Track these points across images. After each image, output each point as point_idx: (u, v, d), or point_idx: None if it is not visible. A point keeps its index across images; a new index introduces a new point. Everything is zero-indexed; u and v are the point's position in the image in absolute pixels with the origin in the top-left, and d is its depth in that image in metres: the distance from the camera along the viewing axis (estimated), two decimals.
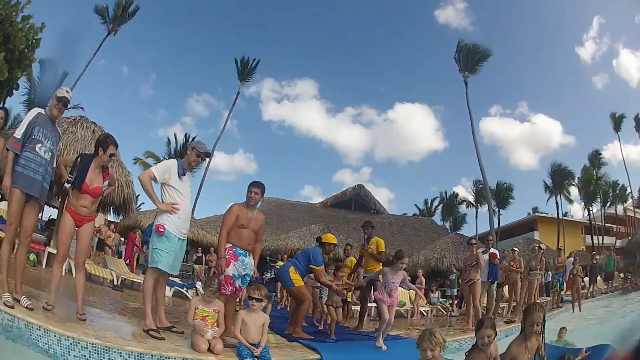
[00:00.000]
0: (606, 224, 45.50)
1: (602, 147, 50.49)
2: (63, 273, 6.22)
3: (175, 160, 5.31)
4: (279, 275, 7.13)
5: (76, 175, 4.69)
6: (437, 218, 45.48)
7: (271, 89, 70.14)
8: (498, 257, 10.35)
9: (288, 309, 11.09)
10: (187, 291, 11.06)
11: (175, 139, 34.96)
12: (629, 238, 33.83)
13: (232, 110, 40.83)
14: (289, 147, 71.67)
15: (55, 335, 3.78)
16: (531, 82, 73.94)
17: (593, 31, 72.34)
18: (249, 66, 39.56)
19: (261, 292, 4.76)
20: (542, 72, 73.08)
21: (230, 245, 5.22)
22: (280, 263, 12.91)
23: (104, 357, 3.80)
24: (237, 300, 6.32)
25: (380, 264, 8.09)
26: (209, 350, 4.28)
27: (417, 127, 68.85)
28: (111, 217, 16.43)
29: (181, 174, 5.14)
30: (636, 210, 48.53)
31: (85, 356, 3.77)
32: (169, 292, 10.47)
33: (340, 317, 6.67)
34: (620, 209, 48.01)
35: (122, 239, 18.77)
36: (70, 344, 3.78)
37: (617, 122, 46.75)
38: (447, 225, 46.62)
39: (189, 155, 5.30)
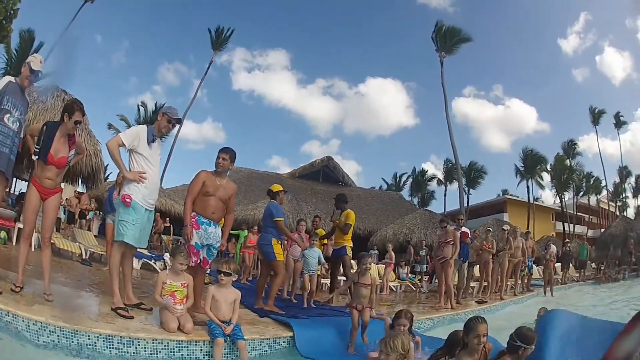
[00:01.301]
0: (578, 213, 46.77)
1: (577, 138, 51.75)
2: (33, 249, 6.05)
3: (145, 126, 5.05)
4: (260, 247, 7.00)
5: (41, 145, 4.47)
6: (405, 193, 46.06)
7: (242, 59, 69.66)
8: (469, 236, 10.50)
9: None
10: (155, 263, 10.81)
11: (145, 107, 34.51)
12: (603, 230, 34.60)
13: (203, 79, 40.44)
14: (258, 117, 71.95)
15: (23, 321, 3.64)
16: (508, 66, 75.01)
17: (578, 26, 74.16)
18: (223, 35, 39.19)
19: (230, 265, 4.63)
20: (521, 58, 74.30)
21: (194, 213, 5.08)
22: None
23: (72, 341, 3.69)
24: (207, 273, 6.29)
25: (347, 236, 8.10)
26: (179, 329, 4.20)
27: (388, 102, 69.31)
28: (80, 188, 16.21)
29: (150, 140, 4.90)
30: (610, 203, 50.37)
31: (54, 341, 3.66)
32: (137, 264, 10.24)
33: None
34: (593, 199, 49.58)
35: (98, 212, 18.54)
36: (39, 328, 3.65)
37: (596, 116, 47.93)
38: (415, 201, 47.27)
39: (160, 121, 5.07)
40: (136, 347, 3.85)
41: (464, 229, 10.21)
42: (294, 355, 4.83)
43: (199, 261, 5.11)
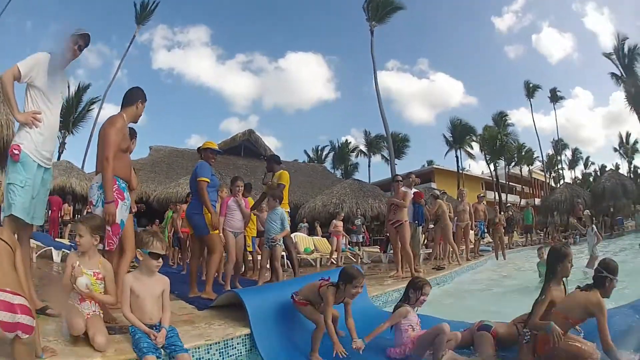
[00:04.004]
0: (509, 183, 49.27)
1: (507, 112, 54.54)
2: None
3: (48, 53, 3.72)
4: (189, 218, 5.79)
5: None
6: (327, 166, 46.71)
7: (163, 37, 66.97)
8: (423, 197, 9.93)
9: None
10: None
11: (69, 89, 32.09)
12: (544, 197, 36.23)
13: (124, 58, 39.35)
14: (177, 95, 69.12)
15: None
16: (435, 40, 75.56)
17: (517, 5, 74.87)
18: (148, 8, 37.96)
19: (163, 244, 3.31)
20: (449, 33, 75.33)
21: (114, 177, 3.88)
22: None
23: None
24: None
25: (283, 202, 6.72)
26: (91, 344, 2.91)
27: (308, 76, 68.89)
28: None
29: (52, 71, 3.66)
30: (542, 173, 53.63)
31: None
32: (57, 257, 8.76)
33: None
34: (525, 170, 52.01)
35: None
36: None
37: (531, 90, 50.34)
38: (339, 173, 47.46)
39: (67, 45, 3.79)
40: None
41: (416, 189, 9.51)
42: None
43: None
